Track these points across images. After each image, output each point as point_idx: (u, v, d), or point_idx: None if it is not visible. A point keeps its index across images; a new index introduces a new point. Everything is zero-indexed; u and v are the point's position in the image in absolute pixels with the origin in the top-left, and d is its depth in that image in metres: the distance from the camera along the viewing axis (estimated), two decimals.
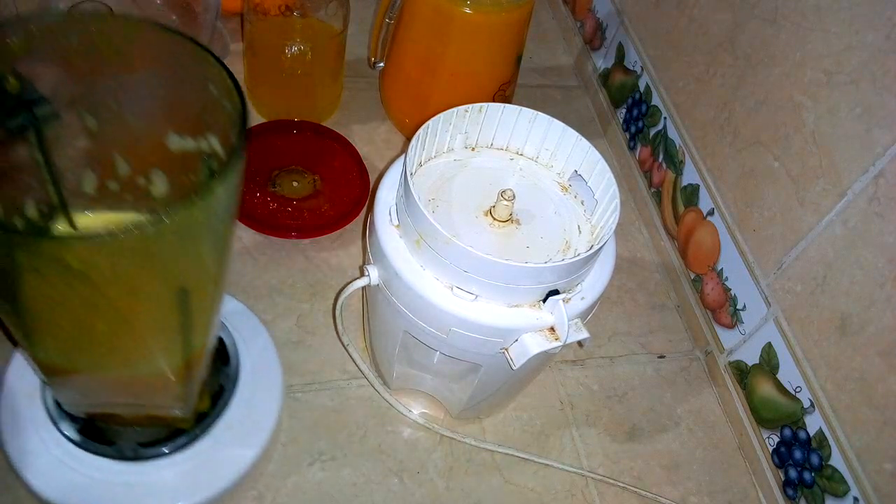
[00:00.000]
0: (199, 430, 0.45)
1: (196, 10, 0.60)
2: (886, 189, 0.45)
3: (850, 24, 0.48)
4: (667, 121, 0.66)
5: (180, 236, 0.29)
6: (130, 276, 0.29)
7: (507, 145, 0.47)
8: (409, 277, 0.41)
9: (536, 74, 0.81)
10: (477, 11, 0.58)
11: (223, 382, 0.48)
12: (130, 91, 0.36)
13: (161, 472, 0.44)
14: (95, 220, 0.41)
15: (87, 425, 0.44)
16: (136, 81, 0.35)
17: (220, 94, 0.33)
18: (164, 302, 0.32)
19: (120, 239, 0.26)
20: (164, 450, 0.44)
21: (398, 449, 0.51)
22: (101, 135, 0.37)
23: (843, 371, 0.48)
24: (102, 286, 0.29)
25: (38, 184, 0.37)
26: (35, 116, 0.34)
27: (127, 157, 0.39)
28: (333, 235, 0.61)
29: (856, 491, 0.48)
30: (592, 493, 0.52)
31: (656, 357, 0.61)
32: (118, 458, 0.43)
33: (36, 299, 0.30)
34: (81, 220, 0.40)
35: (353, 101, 0.72)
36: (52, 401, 0.44)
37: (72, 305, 0.30)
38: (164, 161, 0.38)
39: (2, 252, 0.27)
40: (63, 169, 0.38)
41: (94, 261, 0.27)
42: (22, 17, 0.32)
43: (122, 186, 0.40)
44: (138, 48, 0.34)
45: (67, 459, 0.43)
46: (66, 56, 0.33)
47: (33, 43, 0.32)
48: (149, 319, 0.33)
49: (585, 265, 0.40)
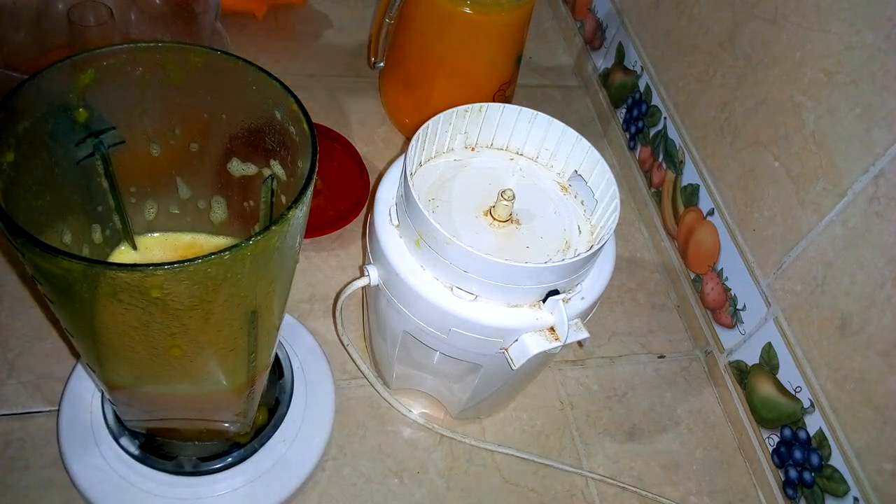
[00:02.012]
0: (256, 444, 0.46)
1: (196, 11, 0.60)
2: (886, 189, 0.45)
3: (850, 24, 0.48)
4: (667, 121, 0.66)
5: (256, 262, 0.29)
6: (207, 301, 0.29)
7: (507, 145, 0.47)
8: (409, 277, 0.41)
9: (536, 74, 0.81)
10: (477, 11, 0.58)
11: (279, 395, 0.48)
12: (194, 118, 0.37)
13: (220, 486, 0.44)
14: (155, 242, 0.42)
15: (147, 440, 0.44)
16: (201, 108, 0.36)
17: (287, 121, 0.34)
18: (236, 324, 0.33)
19: (200, 267, 0.27)
20: (222, 464, 0.45)
21: (398, 449, 0.51)
22: (164, 160, 0.38)
23: (843, 371, 0.48)
24: (180, 312, 0.29)
25: (105, 210, 0.38)
26: (103, 145, 0.35)
27: (188, 182, 0.40)
28: (333, 235, 0.61)
29: (856, 491, 0.48)
30: (592, 493, 0.52)
31: (656, 357, 0.61)
32: (178, 473, 0.44)
33: (113, 326, 0.31)
34: (142, 242, 0.42)
35: (353, 101, 0.72)
36: (112, 416, 0.45)
37: (148, 331, 0.30)
38: (225, 184, 0.40)
39: (84, 282, 0.27)
40: (126, 194, 0.39)
41: (173, 288, 0.27)
42: (92, 50, 0.32)
43: (181, 209, 0.41)
44: (203, 75, 0.34)
45: (128, 474, 0.43)
46: (132, 85, 0.34)
47: (101, 74, 0.33)
48: (220, 342, 0.33)
49: (585, 265, 0.40)
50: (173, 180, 0.40)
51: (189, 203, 0.41)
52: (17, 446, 0.46)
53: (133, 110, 0.36)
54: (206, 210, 0.41)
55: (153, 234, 0.42)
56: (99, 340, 0.33)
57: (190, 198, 0.41)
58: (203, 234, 0.43)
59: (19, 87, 0.30)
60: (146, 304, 0.28)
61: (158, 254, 0.42)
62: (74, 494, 0.44)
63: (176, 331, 0.31)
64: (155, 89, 0.35)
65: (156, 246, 0.42)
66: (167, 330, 0.30)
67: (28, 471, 0.45)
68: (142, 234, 0.42)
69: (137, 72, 0.34)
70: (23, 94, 0.30)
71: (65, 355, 0.50)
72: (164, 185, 0.40)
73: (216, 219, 0.42)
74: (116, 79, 0.33)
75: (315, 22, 0.78)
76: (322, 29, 0.78)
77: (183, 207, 0.41)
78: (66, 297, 0.29)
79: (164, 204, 0.41)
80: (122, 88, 0.34)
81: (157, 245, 0.42)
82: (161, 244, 0.42)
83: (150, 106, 0.36)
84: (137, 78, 0.34)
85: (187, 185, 0.40)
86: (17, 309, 0.52)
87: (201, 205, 0.41)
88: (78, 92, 0.33)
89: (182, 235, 0.43)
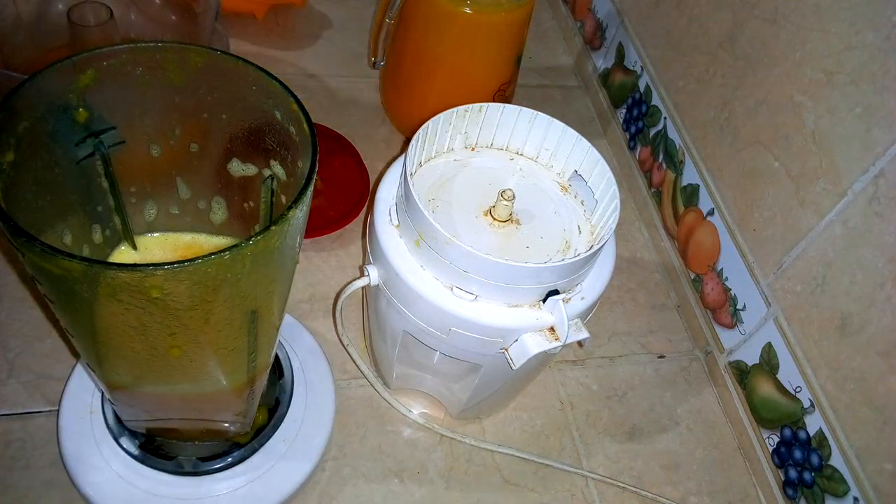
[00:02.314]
0: (256, 444, 0.46)
1: (196, 11, 0.60)
2: (886, 189, 0.45)
3: (850, 24, 0.48)
4: (667, 121, 0.66)
5: (256, 262, 0.29)
6: (207, 301, 0.29)
7: (507, 145, 0.47)
8: (409, 277, 0.41)
9: (536, 74, 0.81)
10: (477, 11, 0.58)
11: (279, 395, 0.48)
12: (194, 118, 0.37)
13: (220, 486, 0.44)
14: (155, 242, 0.42)
15: (147, 440, 0.44)
16: (201, 108, 0.36)
17: (287, 121, 0.34)
18: (236, 324, 0.33)
19: (200, 267, 0.27)
20: (222, 464, 0.45)
21: (398, 449, 0.51)
22: (164, 161, 0.38)
23: (843, 371, 0.48)
24: (180, 312, 0.29)
25: (105, 210, 0.39)
26: (103, 145, 0.35)
27: (189, 182, 0.40)
28: (333, 235, 0.61)
29: (856, 491, 0.48)
30: (592, 493, 0.52)
31: (656, 357, 0.61)
32: (178, 473, 0.44)
33: (113, 326, 0.31)
34: (142, 242, 0.42)
35: (353, 102, 0.72)
36: (112, 416, 0.45)
37: (148, 331, 0.30)
38: (225, 184, 0.40)
39: (84, 282, 0.27)
40: (126, 195, 0.39)
41: (173, 288, 0.27)
42: (92, 50, 0.32)
43: (181, 210, 0.41)
44: (203, 75, 0.34)
45: (127, 474, 0.43)
46: (132, 85, 0.34)
47: (101, 74, 0.33)
48: (220, 342, 0.33)
49: (585, 265, 0.40)
50: (173, 180, 0.40)
51: (189, 203, 0.41)
52: (17, 446, 0.46)
53: (133, 110, 0.36)
54: (206, 210, 0.41)
55: (153, 235, 0.42)
56: (99, 340, 0.33)
57: (190, 198, 0.41)
58: (203, 234, 0.43)
59: (19, 87, 0.30)
60: (146, 304, 0.28)
61: (158, 254, 0.42)
62: (74, 494, 0.44)
63: (176, 331, 0.31)
64: (155, 89, 0.35)
65: (156, 246, 0.42)
66: (167, 330, 0.30)
67: (28, 471, 0.45)
68: (142, 234, 0.42)
69: (137, 72, 0.34)
70: (23, 94, 0.30)
71: (65, 355, 0.50)
72: (164, 185, 0.40)
73: (216, 219, 0.42)
74: (116, 79, 0.33)
75: (315, 22, 0.78)
76: (322, 29, 0.78)
77: (183, 208, 0.41)
78: (66, 297, 0.29)
79: (164, 204, 0.41)
80: (122, 88, 0.34)
81: (157, 245, 0.42)
82: (161, 244, 0.42)
83: (150, 106, 0.36)
84: (137, 78, 0.34)
85: (187, 186, 0.40)
86: (17, 309, 0.52)
87: (201, 205, 0.41)
88: (78, 92, 0.33)
89: (182, 235, 0.43)
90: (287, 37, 0.76)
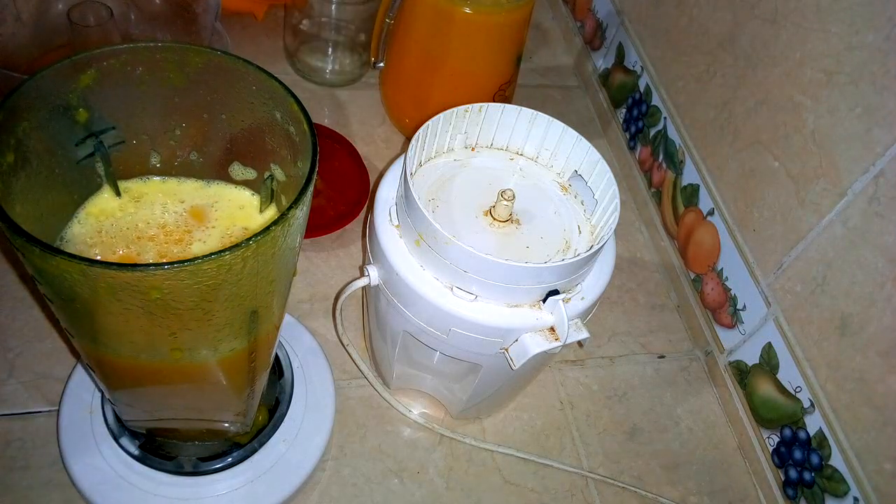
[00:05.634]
0: (256, 444, 0.46)
1: (196, 11, 0.60)
2: (886, 189, 0.45)
3: (850, 24, 0.48)
4: (667, 121, 0.66)
5: (256, 262, 0.29)
6: (207, 301, 0.29)
7: (507, 145, 0.47)
8: (409, 277, 0.41)
9: (536, 74, 0.81)
10: (477, 11, 0.58)
11: (279, 395, 0.48)
12: (194, 117, 0.37)
13: (220, 486, 0.44)
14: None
15: (147, 440, 0.44)
16: (201, 108, 0.36)
17: (287, 121, 0.34)
18: (236, 324, 0.33)
19: (200, 266, 0.27)
20: (222, 464, 0.45)
21: (398, 449, 0.51)
22: (164, 161, 0.38)
23: (843, 371, 0.48)
24: (180, 312, 0.29)
25: None
26: (103, 145, 0.35)
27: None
28: (333, 235, 0.61)
29: (856, 491, 0.48)
30: (592, 493, 0.52)
31: (656, 357, 0.61)
32: (178, 473, 0.44)
33: (113, 326, 0.31)
34: None
35: (353, 102, 0.72)
36: (113, 416, 0.45)
37: (148, 332, 0.30)
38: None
39: (84, 282, 0.27)
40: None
41: (173, 288, 0.27)
42: (92, 50, 0.32)
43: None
44: (203, 75, 0.34)
45: (128, 474, 0.43)
46: (132, 85, 0.34)
47: (101, 74, 0.33)
48: (220, 342, 0.34)
49: (585, 265, 0.40)
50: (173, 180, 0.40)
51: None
52: (17, 446, 0.46)
53: (133, 110, 0.36)
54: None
55: None
56: (99, 340, 0.33)
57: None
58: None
59: (19, 87, 0.30)
60: (146, 304, 0.28)
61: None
62: (74, 494, 0.44)
63: (176, 331, 0.31)
64: (155, 89, 0.35)
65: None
66: (167, 330, 0.30)
67: (28, 471, 0.45)
68: None
69: (137, 72, 0.34)
70: (23, 94, 0.30)
71: (65, 355, 0.50)
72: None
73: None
74: (116, 79, 0.33)
75: None
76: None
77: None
78: (66, 296, 0.29)
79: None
80: (122, 88, 0.34)
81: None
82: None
83: (150, 106, 0.36)
84: (137, 78, 0.34)
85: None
86: (17, 309, 0.52)
87: None
88: (78, 92, 0.33)
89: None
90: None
